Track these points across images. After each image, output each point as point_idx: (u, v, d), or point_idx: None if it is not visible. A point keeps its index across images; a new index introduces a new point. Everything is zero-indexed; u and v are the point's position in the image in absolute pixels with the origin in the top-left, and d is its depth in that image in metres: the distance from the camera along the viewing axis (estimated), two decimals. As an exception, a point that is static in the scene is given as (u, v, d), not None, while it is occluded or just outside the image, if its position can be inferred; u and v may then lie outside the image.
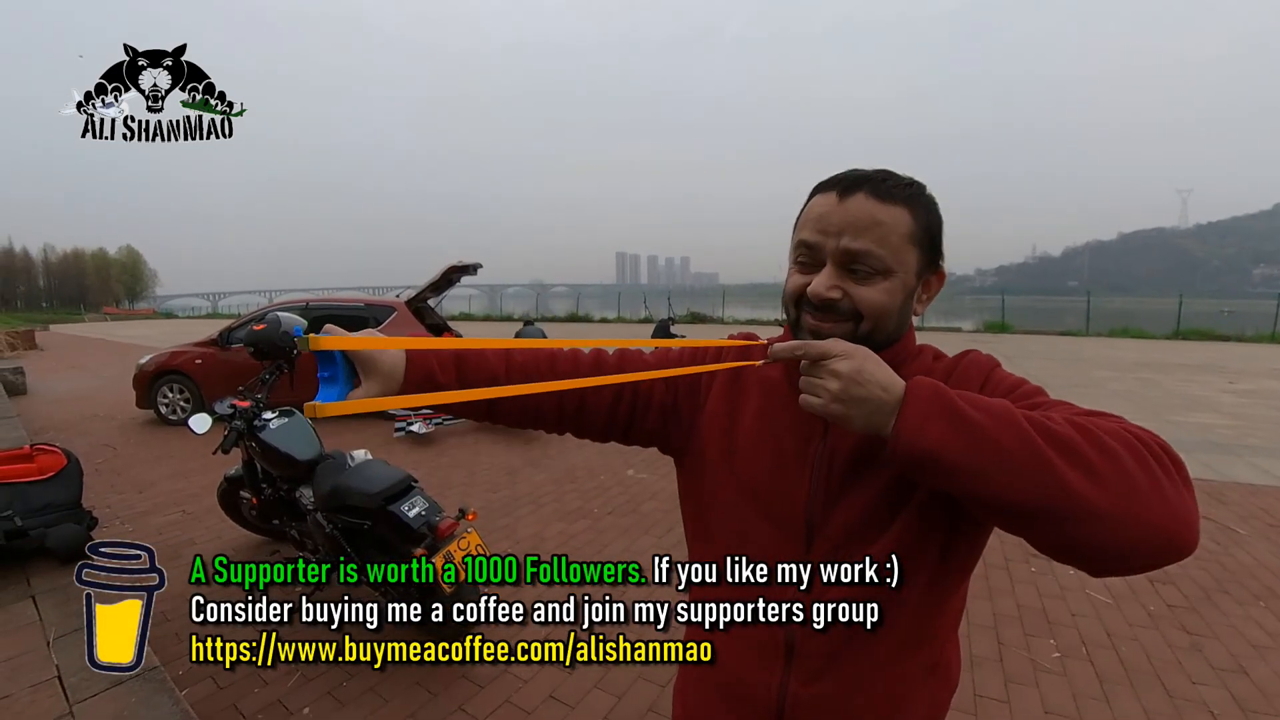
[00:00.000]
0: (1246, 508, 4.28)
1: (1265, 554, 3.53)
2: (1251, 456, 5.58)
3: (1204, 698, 2.30)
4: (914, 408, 0.60)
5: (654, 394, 0.87)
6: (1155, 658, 2.54)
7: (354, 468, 2.76)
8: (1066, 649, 2.60)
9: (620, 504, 4.28)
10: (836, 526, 0.76)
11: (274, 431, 2.93)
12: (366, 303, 7.54)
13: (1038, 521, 0.58)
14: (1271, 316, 18.80)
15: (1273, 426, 6.84)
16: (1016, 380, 0.76)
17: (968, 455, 0.58)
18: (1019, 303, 40.22)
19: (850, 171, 0.75)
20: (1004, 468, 0.57)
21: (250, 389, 3.01)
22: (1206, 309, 33.34)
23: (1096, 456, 0.57)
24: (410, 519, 2.47)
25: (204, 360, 7.06)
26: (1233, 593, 3.09)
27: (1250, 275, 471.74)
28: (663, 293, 21.34)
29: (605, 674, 2.40)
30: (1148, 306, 27.80)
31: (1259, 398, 8.64)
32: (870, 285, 0.72)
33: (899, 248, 0.72)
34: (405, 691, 2.31)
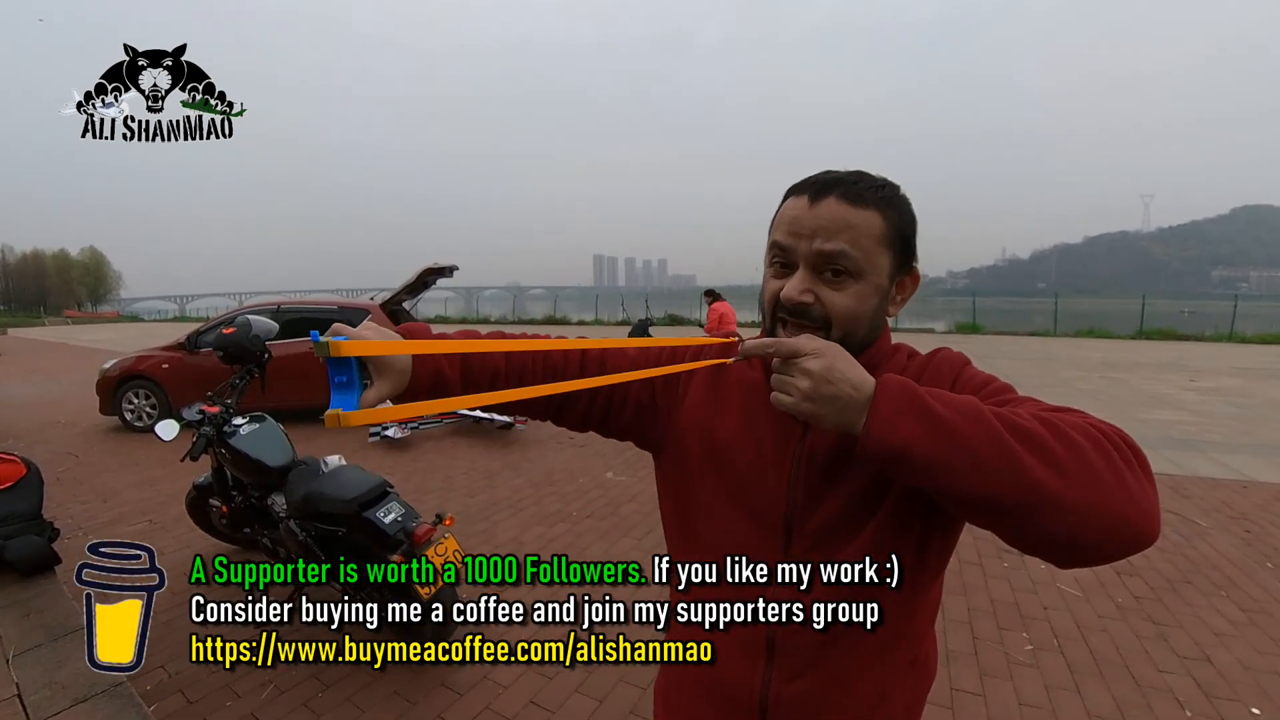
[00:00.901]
0: (1208, 501, 4.42)
1: (1226, 545, 3.65)
2: (1212, 452, 5.77)
3: (1170, 685, 2.36)
4: (884, 405, 0.61)
5: (630, 390, 0.88)
6: (1124, 648, 2.61)
7: (327, 474, 2.71)
8: (1039, 642, 2.65)
9: (599, 507, 4.27)
10: (815, 525, 0.77)
11: (244, 437, 2.87)
12: (340, 305, 7.41)
13: (1007, 515, 0.60)
14: (1229, 316, 19.51)
15: (1232, 423, 7.07)
16: (986, 377, 0.77)
17: (937, 451, 0.59)
18: (989, 304, 41.09)
19: (823, 174, 0.76)
20: (973, 463, 0.58)
21: (220, 394, 2.94)
22: (1168, 309, 34.40)
23: (1062, 450, 0.58)
24: (386, 525, 2.43)
25: (171, 365, 6.88)
26: (1196, 583, 3.18)
27: (1209, 277, 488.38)
28: (640, 295, 21.40)
29: (586, 678, 2.39)
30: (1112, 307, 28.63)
31: (1219, 395, 8.93)
32: (842, 290, 0.72)
33: (870, 250, 0.72)
34: (383, 701, 2.27)
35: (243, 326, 2.88)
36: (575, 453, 5.68)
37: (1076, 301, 29.62)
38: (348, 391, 0.65)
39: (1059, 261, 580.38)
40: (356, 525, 2.46)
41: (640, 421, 0.89)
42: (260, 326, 2.93)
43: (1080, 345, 16.72)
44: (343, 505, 2.47)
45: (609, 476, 4.94)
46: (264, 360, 2.97)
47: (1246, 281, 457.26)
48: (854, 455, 0.72)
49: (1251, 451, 5.79)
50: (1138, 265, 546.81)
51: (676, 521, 0.89)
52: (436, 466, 5.32)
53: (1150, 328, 19.55)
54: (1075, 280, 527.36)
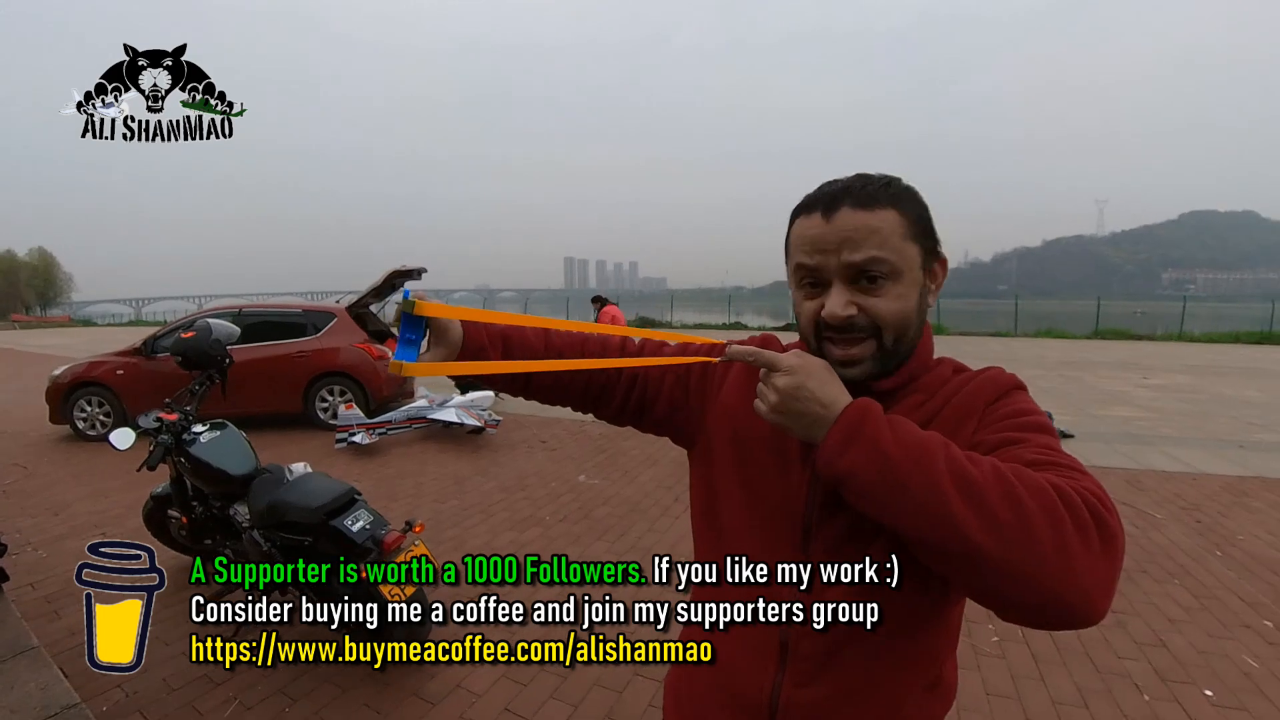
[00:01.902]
0: (1161, 493, 4.59)
1: (1179, 535, 3.79)
2: (1164, 446, 6.00)
3: (1128, 670, 2.45)
4: (839, 430, 0.64)
5: (664, 385, 0.92)
6: (1084, 636, 2.68)
7: (293, 481, 2.64)
8: (1004, 633, 2.72)
9: (572, 510, 4.24)
10: (834, 528, 0.77)
11: (205, 445, 2.78)
12: (304, 309, 7.22)
13: (936, 559, 0.61)
14: (1178, 317, 20.38)
15: (1183, 418, 7.36)
16: (1022, 409, 0.74)
17: (873, 484, 0.62)
18: (954, 305, 42.10)
19: (826, 186, 0.75)
20: (902, 503, 0.60)
21: (178, 401, 2.85)
22: (1122, 310, 35.70)
23: (1002, 508, 0.57)
24: (354, 533, 2.38)
25: (126, 371, 6.63)
26: (1151, 572, 3.30)
27: (1159, 279, 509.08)
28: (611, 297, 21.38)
29: (561, 683, 2.37)
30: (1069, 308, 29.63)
31: (1170, 391, 9.30)
32: (882, 294, 0.71)
33: (900, 247, 0.71)
34: (353, 713, 2.22)
35: (203, 331, 2.80)
36: (547, 456, 5.64)
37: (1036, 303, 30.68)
38: (412, 348, 0.74)
39: (1019, 264, 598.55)
40: (323, 534, 2.40)
41: (673, 418, 0.92)
42: (221, 331, 2.85)
43: (1040, 345, 17.25)
44: (309, 514, 2.41)
45: (581, 480, 4.91)
46: (225, 365, 2.89)
47: (1194, 283, 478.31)
48: None
49: (1201, 445, 6.03)
50: (1093, 268, 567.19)
51: (706, 516, 0.90)
52: (406, 473, 5.23)
53: (1105, 328, 20.29)
54: (1034, 282, 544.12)
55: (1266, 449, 5.94)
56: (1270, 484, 4.86)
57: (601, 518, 4.10)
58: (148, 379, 6.52)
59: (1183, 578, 3.24)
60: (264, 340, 6.75)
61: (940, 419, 0.75)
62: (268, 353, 6.68)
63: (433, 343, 0.79)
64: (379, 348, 6.75)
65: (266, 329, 6.89)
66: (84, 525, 4.04)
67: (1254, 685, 2.36)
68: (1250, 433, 6.61)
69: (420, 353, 0.77)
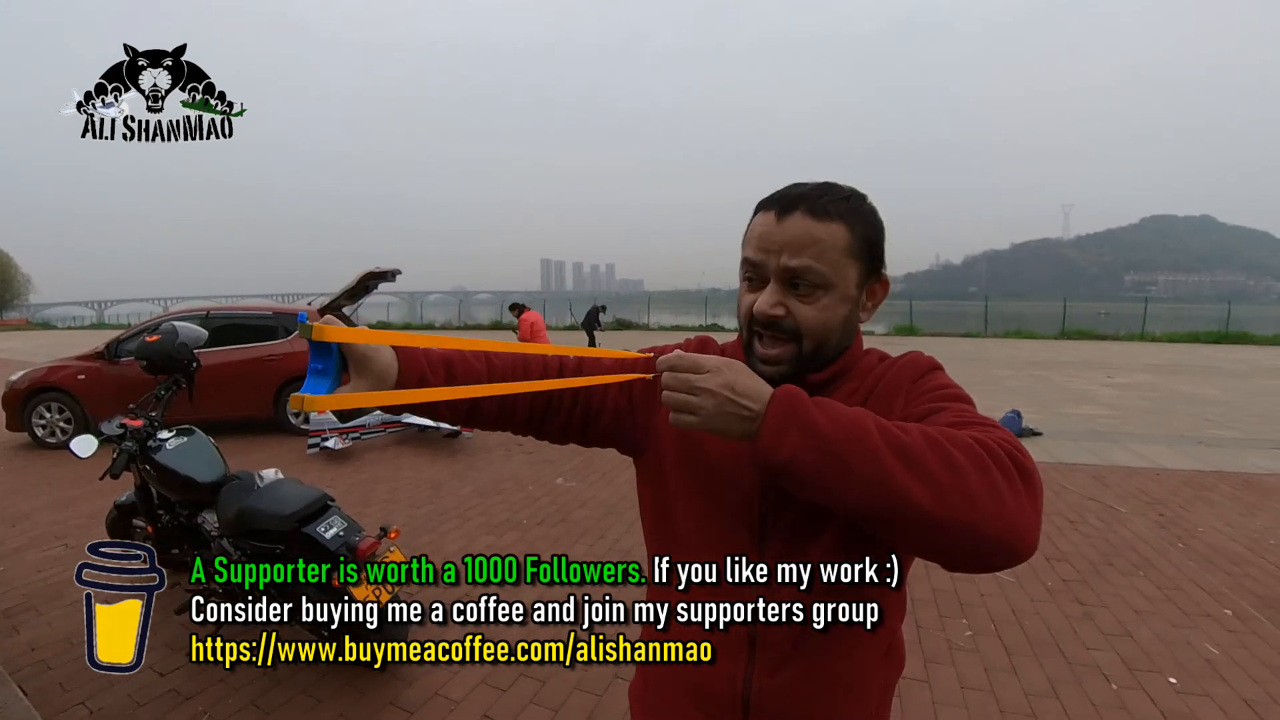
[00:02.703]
0: (1125, 488, 4.72)
1: (1142, 529, 3.91)
2: (1128, 442, 6.17)
3: (1097, 661, 2.51)
4: (772, 420, 0.63)
5: (607, 398, 0.89)
6: (1054, 628, 2.75)
7: (263, 488, 2.58)
8: (977, 627, 2.77)
9: (550, 514, 4.22)
10: (788, 521, 0.79)
11: (171, 452, 2.70)
12: (275, 311, 7.07)
13: (884, 526, 0.63)
14: (1140, 317, 21.05)
15: (1145, 415, 7.59)
16: (942, 384, 0.79)
17: (815, 467, 0.61)
18: (925, 307, 42.88)
19: (791, 188, 0.77)
20: (847, 481, 0.61)
21: (143, 406, 2.77)
22: (1086, 311, 36.74)
23: (938, 468, 0.60)
24: (327, 540, 2.34)
25: (88, 375, 6.42)
26: (1116, 565, 3.39)
27: (1123, 281, 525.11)
28: (589, 299, 21.36)
29: (540, 688, 2.35)
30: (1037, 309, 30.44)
31: (1133, 390, 9.58)
32: (812, 302, 0.75)
33: (837, 262, 0.74)
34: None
35: (168, 334, 2.72)
36: (524, 459, 5.60)
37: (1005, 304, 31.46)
38: (322, 379, 0.65)
39: (988, 267, 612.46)
40: (295, 542, 2.35)
41: (619, 428, 0.90)
42: (187, 334, 2.78)
43: (1009, 345, 17.66)
44: (280, 521, 2.36)
45: (559, 483, 4.89)
46: (192, 370, 2.82)
47: (1155, 285, 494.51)
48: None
49: (1163, 442, 6.23)
50: (1059, 270, 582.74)
51: (659, 524, 0.90)
52: (380, 478, 5.15)
53: (1071, 328, 20.87)
54: (1003, 284, 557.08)
55: (1224, 445, 6.15)
56: (1228, 478, 5.03)
57: (579, 520, 4.08)
58: (110, 384, 6.32)
59: (1147, 570, 3.33)
60: (233, 343, 6.60)
61: (870, 401, 0.79)
62: (237, 356, 6.53)
63: (354, 374, 0.70)
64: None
65: (236, 332, 6.73)
66: (44, 536, 3.90)
67: (1215, 672, 2.44)
68: (1209, 429, 6.84)
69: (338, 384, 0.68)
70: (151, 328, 5.73)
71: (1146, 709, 2.23)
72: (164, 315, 7.21)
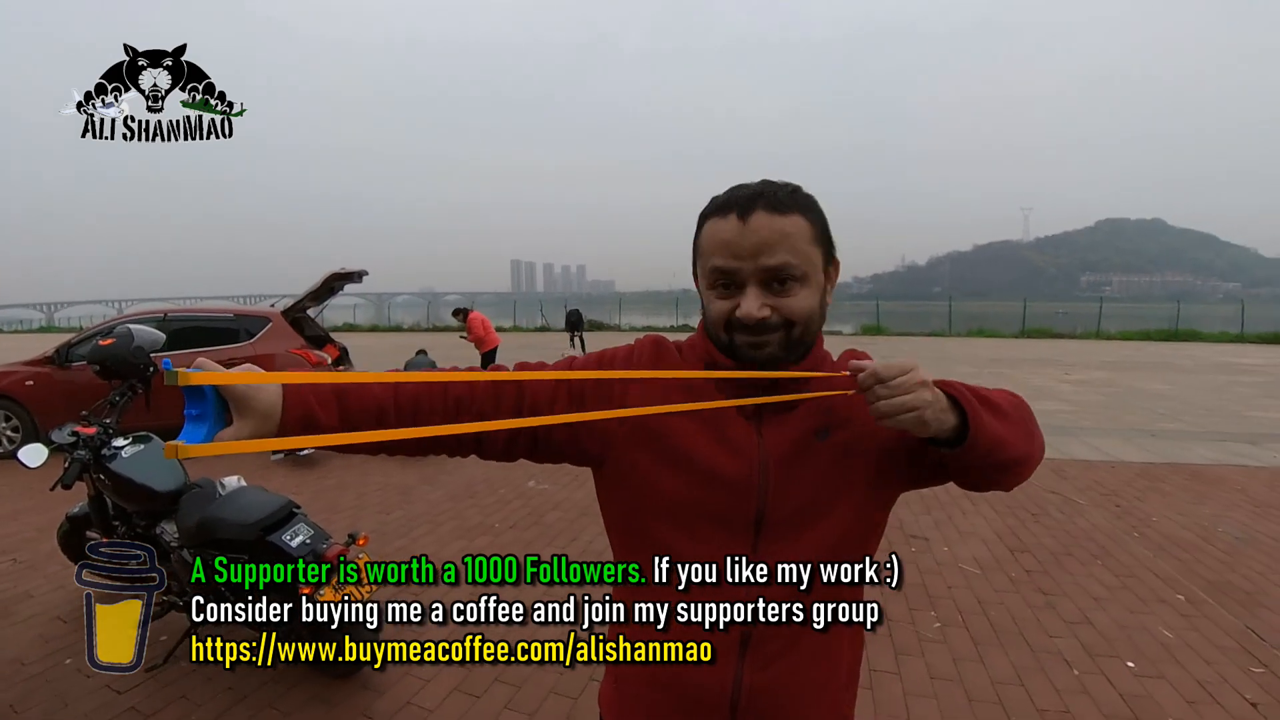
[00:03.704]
0: (1083, 481, 4.89)
1: (1100, 519, 4.05)
2: (1085, 436, 6.39)
3: (1059, 648, 2.59)
4: (972, 406, 0.71)
5: (556, 408, 0.83)
6: (1018, 618, 2.83)
7: (225, 496, 2.50)
8: (945, 619, 2.83)
9: (522, 517, 4.18)
10: (784, 518, 0.79)
11: (127, 460, 2.60)
12: (236, 313, 6.87)
13: (1018, 465, 0.77)
14: (1096, 316, 21.82)
15: (1101, 410, 7.86)
16: None
17: (1003, 431, 0.73)
18: (891, 307, 43.76)
19: (737, 190, 0.77)
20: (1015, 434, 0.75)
21: (96, 413, 2.66)
22: (1045, 311, 37.94)
23: (1029, 420, 0.80)
24: (293, 549, 2.27)
25: (37, 381, 6.15)
26: (1075, 554, 3.51)
27: (1079, 281, 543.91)
28: (560, 300, 21.22)
29: (515, 693, 2.32)
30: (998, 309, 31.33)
31: (1089, 386, 9.92)
32: (792, 295, 0.76)
33: (808, 252, 0.76)
34: (293, 735, 2.12)
35: (123, 337, 2.62)
36: (496, 464, 5.54)
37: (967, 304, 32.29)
38: (199, 424, 0.63)
39: (952, 268, 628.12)
40: (260, 551, 2.28)
41: (574, 442, 0.85)
42: (144, 337, 2.68)
43: (972, 344, 18.14)
44: (244, 530, 2.29)
45: (531, 485, 4.85)
46: (149, 374, 2.72)
47: (1109, 285, 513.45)
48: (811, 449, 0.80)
49: (1117, 435, 6.46)
50: (1019, 271, 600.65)
51: (628, 531, 0.87)
52: (347, 484, 5.04)
53: (1031, 327, 21.53)
54: (966, 285, 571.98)
55: (1175, 437, 6.41)
56: (1179, 469, 5.25)
57: (552, 523, 4.05)
58: (61, 390, 6.07)
59: (1105, 558, 3.45)
60: (192, 347, 6.39)
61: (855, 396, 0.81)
62: (196, 360, 6.33)
63: (236, 415, 0.66)
64: (317, 353, 6.49)
65: (195, 335, 6.52)
66: (-12, 551, 3.72)
67: (1170, 655, 2.53)
68: (1160, 422, 7.13)
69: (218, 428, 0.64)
70: (105, 331, 5.51)
71: (1106, 693, 2.31)
72: (119, 318, 6.95)
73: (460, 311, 8.75)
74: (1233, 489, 4.70)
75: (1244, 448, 5.98)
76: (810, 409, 0.81)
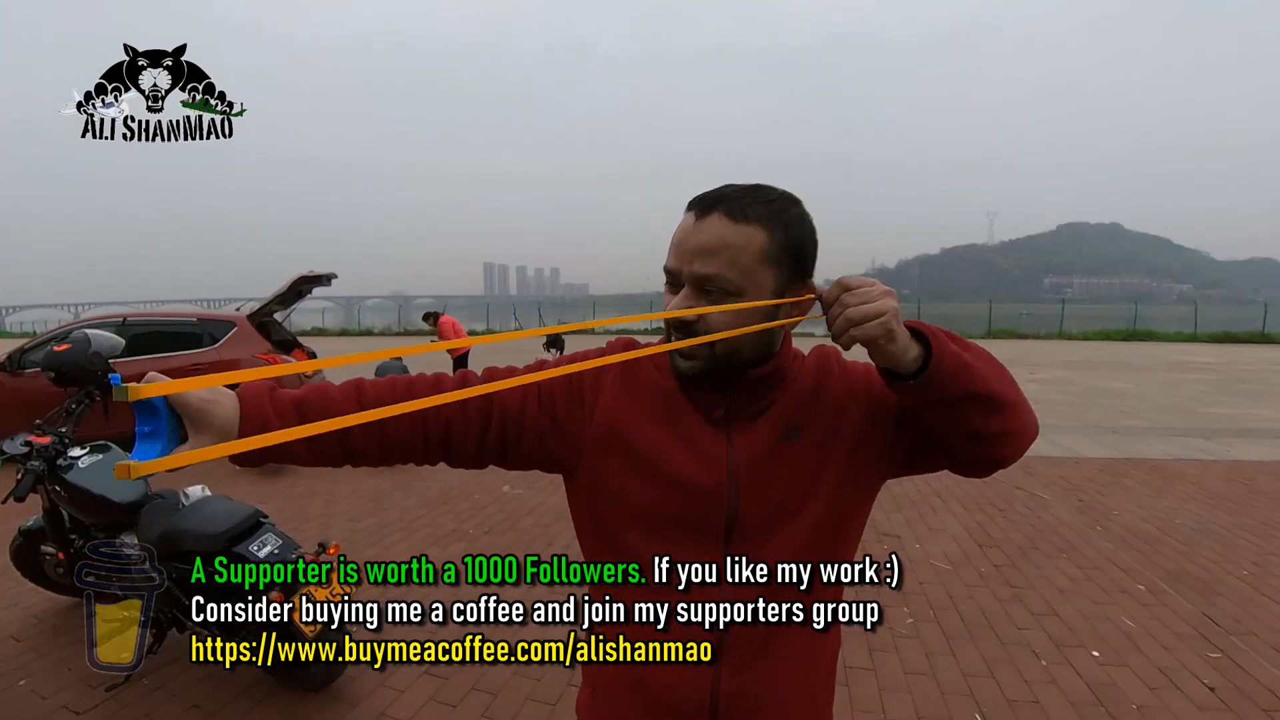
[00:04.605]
0: (1048, 477, 5.02)
1: (1065, 514, 4.16)
2: (1050, 434, 6.55)
3: (1027, 640, 2.65)
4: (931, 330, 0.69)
5: (525, 415, 0.82)
6: (988, 611, 2.89)
7: (189, 507, 2.42)
8: (918, 614, 2.88)
9: (497, 522, 4.14)
10: (755, 520, 0.79)
11: (84, 471, 2.50)
12: (200, 317, 6.67)
13: (1005, 409, 0.72)
14: (1058, 317, 22.50)
15: (1065, 408, 8.09)
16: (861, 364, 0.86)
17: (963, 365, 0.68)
18: (864, 309, 44.35)
19: (719, 189, 0.76)
20: (988, 370, 0.71)
21: (51, 422, 2.56)
22: (1010, 312, 39.00)
23: (994, 361, 0.74)
24: (260, 559, 2.21)
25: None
26: (1042, 548, 3.60)
27: (1042, 284, 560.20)
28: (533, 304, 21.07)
29: (492, 701, 2.30)
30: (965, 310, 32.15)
31: (1053, 385, 10.20)
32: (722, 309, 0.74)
33: (750, 269, 0.72)
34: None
35: (80, 342, 2.53)
36: (467, 469, 5.48)
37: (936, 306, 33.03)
38: (153, 442, 0.59)
39: (921, 270, 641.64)
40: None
41: (543, 447, 0.84)
42: (102, 342, 2.59)
43: (941, 344, 18.51)
44: (208, 541, 2.21)
45: (505, 490, 4.81)
46: (106, 381, 2.62)
47: (1071, 287, 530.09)
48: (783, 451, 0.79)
49: (1080, 432, 6.65)
50: (985, 273, 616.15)
51: (599, 536, 0.86)
52: (316, 491, 4.93)
53: (996, 328, 22.09)
54: (934, 287, 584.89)
55: (1134, 433, 6.63)
56: (1139, 464, 5.43)
57: (527, 528, 4.02)
58: (12, 398, 5.82)
59: (1069, 552, 3.55)
60: (153, 353, 6.18)
61: (819, 403, 0.82)
62: (158, 366, 6.13)
63: (191, 431, 0.64)
64: (284, 358, 6.34)
65: (156, 340, 6.32)
66: (-66, 568, 3.55)
67: (1133, 644, 2.62)
68: (1120, 419, 7.36)
69: (173, 445, 0.62)
70: (61, 336, 5.31)
71: (1073, 682, 2.37)
72: (75, 322, 6.71)
73: (431, 315, 8.61)
74: (1189, 482, 4.88)
75: (1199, 442, 6.20)
76: (778, 411, 0.81)
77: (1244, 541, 3.69)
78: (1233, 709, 2.22)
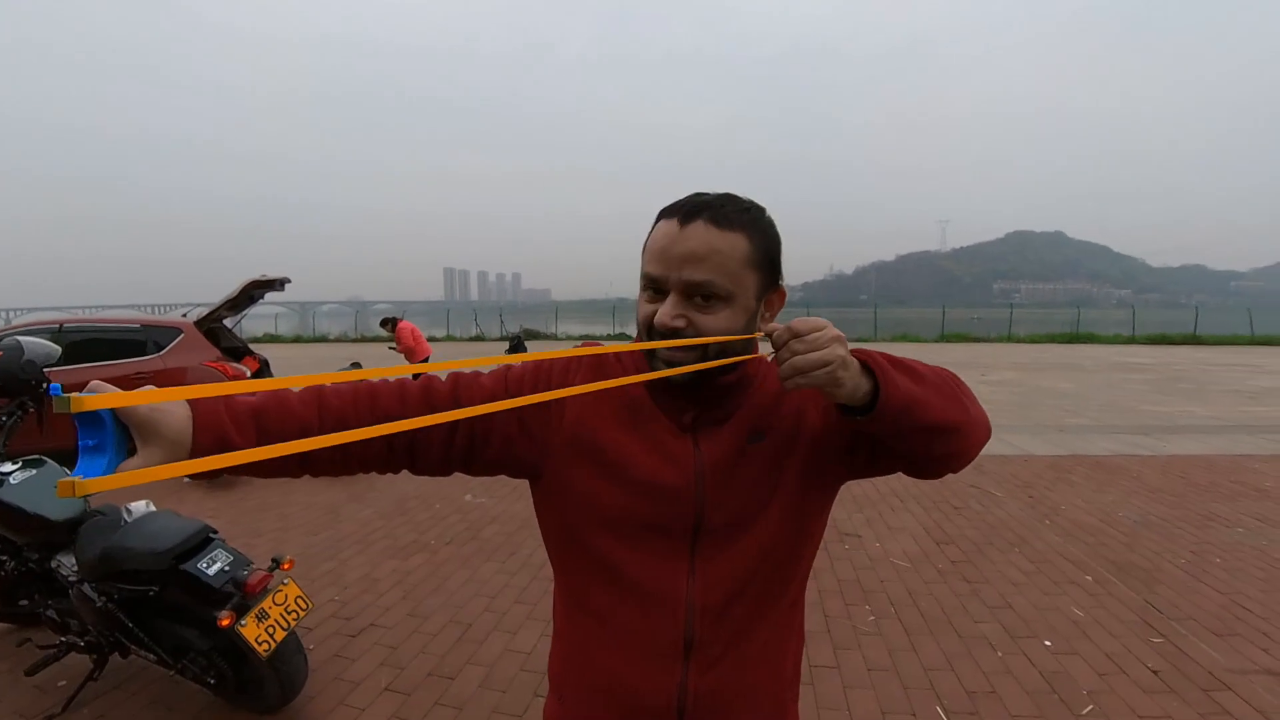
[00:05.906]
0: (1000, 475, 5.20)
1: (1016, 510, 4.31)
2: (1000, 434, 6.79)
3: (984, 633, 2.74)
4: (885, 369, 0.69)
5: (494, 419, 0.80)
6: (946, 607, 2.97)
7: (132, 523, 2.30)
8: (880, 612, 2.94)
9: (459, 532, 4.06)
10: (721, 523, 0.79)
11: (16, 487, 2.36)
12: (143, 323, 6.33)
13: (953, 433, 0.73)
14: (1007, 321, 23.41)
15: (1015, 408, 8.39)
16: None
17: (922, 394, 0.70)
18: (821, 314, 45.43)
19: (693, 197, 0.77)
20: (937, 398, 0.71)
21: (-22, 436, 2.41)
22: (962, 316, 40.41)
23: (955, 385, 0.76)
24: (210, 577, 2.11)
25: (-96, 407, 5.52)
26: (995, 543, 3.72)
27: (991, 289, 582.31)
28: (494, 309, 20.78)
29: (457, 715, 2.24)
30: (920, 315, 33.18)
31: (1003, 386, 10.58)
32: (712, 313, 0.75)
33: (737, 273, 0.74)
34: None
35: (11, 350, 2.38)
36: (429, 477, 5.37)
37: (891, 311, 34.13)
38: (97, 456, 0.55)
39: (877, 276, 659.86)
40: (173, 581, 2.11)
41: (511, 452, 0.83)
42: (36, 350, 2.44)
43: (895, 349, 19.01)
44: (154, 559, 2.10)
45: (468, 499, 4.72)
46: (41, 392, 2.48)
47: (1019, 292, 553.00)
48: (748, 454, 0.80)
49: (1028, 431, 6.91)
50: (938, 279, 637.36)
51: (567, 541, 0.86)
52: (269, 504, 4.76)
53: (949, 332, 22.87)
54: (890, 292, 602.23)
55: (1079, 431, 6.92)
56: (1084, 460, 5.67)
57: (490, 537, 3.96)
58: (-65, 414, 5.46)
59: (1021, 546, 3.68)
60: (93, 361, 5.87)
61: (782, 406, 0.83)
62: (98, 375, 5.81)
63: (140, 443, 0.59)
64: (235, 366, 6.10)
65: (96, 347, 5.99)
66: None
67: (1081, 632, 2.72)
68: (1066, 418, 7.68)
69: (120, 459, 0.57)
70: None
71: (1028, 671, 2.45)
72: (7, 329, 6.33)
73: (389, 321, 8.40)
74: (1130, 477, 5.12)
75: (1138, 439, 6.52)
76: (744, 416, 0.82)
77: (1182, 532, 3.88)
78: (1175, 691, 2.32)
